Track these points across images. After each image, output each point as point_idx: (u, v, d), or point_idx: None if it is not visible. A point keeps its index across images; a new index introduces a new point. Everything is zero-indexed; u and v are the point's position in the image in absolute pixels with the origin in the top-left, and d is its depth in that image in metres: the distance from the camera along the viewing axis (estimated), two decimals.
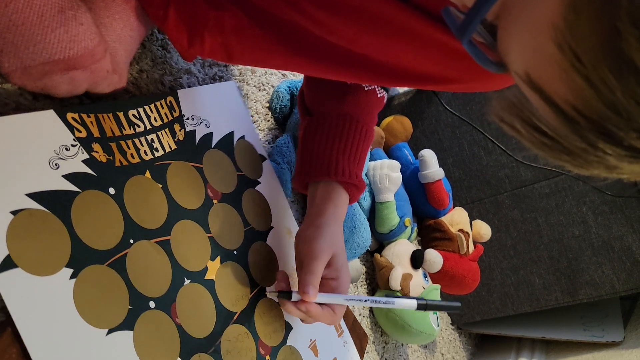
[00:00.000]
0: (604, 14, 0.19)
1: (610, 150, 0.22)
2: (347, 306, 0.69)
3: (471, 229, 1.05)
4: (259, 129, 0.76)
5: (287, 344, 0.55)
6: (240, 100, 0.64)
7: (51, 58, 0.36)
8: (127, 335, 0.38)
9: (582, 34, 0.20)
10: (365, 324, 0.87)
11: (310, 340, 0.58)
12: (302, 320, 0.54)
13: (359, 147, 0.59)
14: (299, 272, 0.52)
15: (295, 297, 0.50)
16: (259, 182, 0.61)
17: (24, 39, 0.34)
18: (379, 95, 0.60)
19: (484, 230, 1.05)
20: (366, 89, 0.59)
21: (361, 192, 0.60)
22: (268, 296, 0.54)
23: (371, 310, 0.90)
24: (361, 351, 0.68)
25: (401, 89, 1.27)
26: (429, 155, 0.99)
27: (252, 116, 0.76)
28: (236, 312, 0.50)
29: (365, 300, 0.54)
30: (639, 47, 0.19)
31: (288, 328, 0.56)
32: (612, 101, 0.20)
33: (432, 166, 0.99)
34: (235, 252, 0.53)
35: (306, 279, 0.50)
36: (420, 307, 0.55)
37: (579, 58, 0.20)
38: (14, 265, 0.33)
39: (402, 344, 0.97)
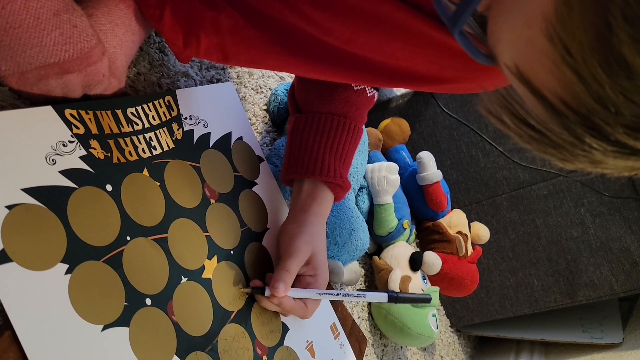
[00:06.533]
0: (595, 7, 0.19)
1: (596, 145, 0.22)
2: (347, 310, 0.69)
3: (469, 231, 1.05)
4: (257, 132, 0.76)
5: (284, 344, 0.55)
6: (238, 102, 0.64)
7: (47, 61, 0.36)
8: (122, 332, 0.38)
9: (574, 28, 0.20)
10: (364, 326, 0.86)
11: (307, 341, 0.58)
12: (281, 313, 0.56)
13: (346, 145, 0.59)
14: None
15: (267, 292, 0.52)
16: (256, 183, 0.61)
17: (20, 42, 0.34)
18: (368, 95, 0.60)
19: (482, 232, 1.05)
20: (355, 88, 0.59)
21: (346, 192, 0.61)
22: (243, 291, 0.53)
23: (370, 313, 0.90)
24: (360, 354, 0.68)
25: (398, 92, 1.28)
26: (427, 157, 0.99)
27: (250, 118, 0.76)
28: (233, 312, 0.50)
29: (337, 294, 0.55)
30: (630, 42, 0.19)
31: (285, 329, 0.56)
32: (600, 95, 0.20)
33: (430, 168, 0.99)
34: (232, 252, 0.53)
35: (278, 276, 0.51)
36: (391, 300, 0.57)
37: (569, 51, 0.20)
38: (9, 260, 0.33)
39: (402, 347, 0.97)
